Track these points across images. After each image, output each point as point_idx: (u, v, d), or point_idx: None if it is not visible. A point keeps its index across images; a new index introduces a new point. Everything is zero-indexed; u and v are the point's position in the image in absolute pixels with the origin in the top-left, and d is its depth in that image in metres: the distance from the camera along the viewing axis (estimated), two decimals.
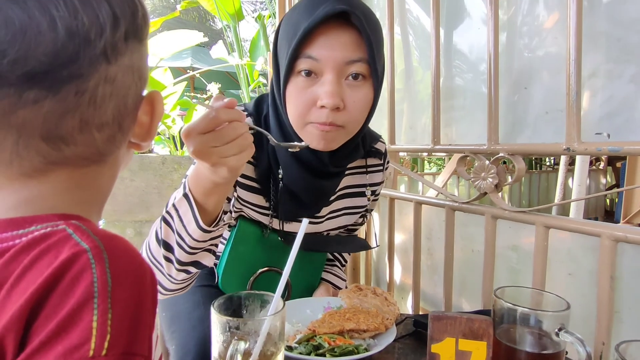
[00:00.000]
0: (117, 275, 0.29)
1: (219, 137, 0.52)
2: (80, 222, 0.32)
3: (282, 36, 0.71)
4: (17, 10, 0.28)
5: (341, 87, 0.67)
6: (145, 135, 0.39)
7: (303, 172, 0.75)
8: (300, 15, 0.67)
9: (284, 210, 0.79)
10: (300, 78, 0.67)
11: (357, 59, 0.66)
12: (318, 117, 0.67)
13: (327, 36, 0.65)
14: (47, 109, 0.30)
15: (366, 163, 0.87)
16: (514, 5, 0.90)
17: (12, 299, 0.27)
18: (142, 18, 0.34)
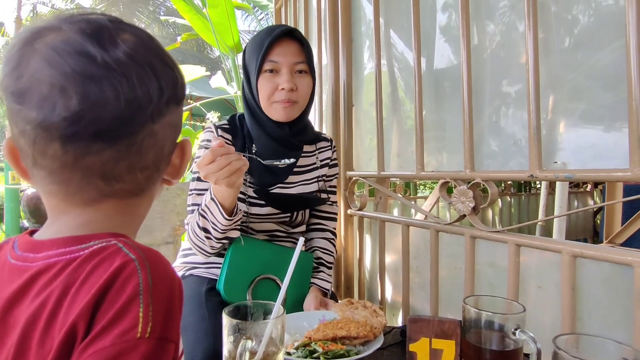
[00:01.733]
0: (156, 278, 0.39)
1: (215, 167, 0.81)
2: (126, 239, 0.42)
3: (249, 53, 1.08)
4: (94, 86, 0.38)
5: (293, 77, 1.04)
6: (175, 174, 0.49)
7: (272, 144, 1.08)
8: (262, 37, 1.06)
9: (259, 176, 1.08)
10: (266, 74, 1.04)
11: (300, 60, 1.06)
12: (280, 97, 1.04)
13: (282, 47, 1.04)
14: (106, 156, 0.40)
15: (316, 147, 1.21)
16: (484, 50, 1.03)
17: (80, 296, 0.37)
18: (181, 87, 0.45)
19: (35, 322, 0.37)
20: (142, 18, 10.06)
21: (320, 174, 1.19)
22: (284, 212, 1.11)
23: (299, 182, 1.15)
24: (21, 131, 0.39)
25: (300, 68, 1.06)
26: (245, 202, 1.07)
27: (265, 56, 1.02)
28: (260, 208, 1.08)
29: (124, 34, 0.42)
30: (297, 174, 1.15)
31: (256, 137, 1.09)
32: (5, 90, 0.39)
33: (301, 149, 1.15)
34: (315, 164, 1.19)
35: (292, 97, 1.04)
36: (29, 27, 0.41)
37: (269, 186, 1.11)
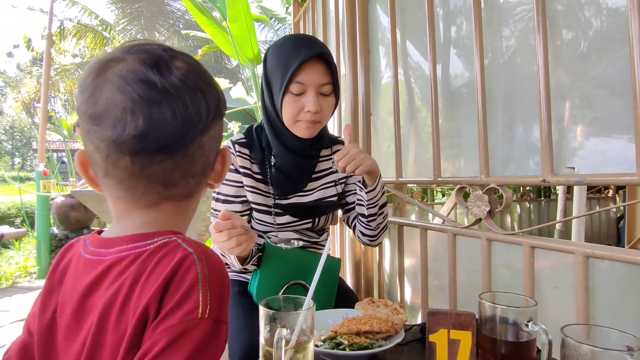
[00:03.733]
0: (211, 269, 0.45)
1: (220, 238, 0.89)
2: (182, 236, 0.49)
3: (273, 66, 1.06)
4: (156, 109, 0.45)
5: (318, 99, 1.04)
6: (217, 179, 0.56)
7: (291, 156, 1.11)
8: (289, 53, 1.03)
9: (279, 186, 1.12)
10: (291, 95, 1.03)
11: (326, 82, 1.05)
12: (304, 117, 1.05)
13: (309, 68, 1.02)
14: (165, 166, 0.47)
15: (332, 150, 1.22)
16: (498, 59, 1.07)
17: (149, 283, 0.44)
18: (222, 104, 0.52)
19: (112, 306, 0.44)
20: (163, 31, 10.37)
21: (338, 177, 1.21)
22: (302, 220, 1.16)
23: (318, 187, 1.18)
24: (96, 147, 0.46)
25: (325, 90, 1.05)
26: (271, 213, 1.12)
27: (293, 77, 1.01)
28: (280, 217, 1.13)
29: (177, 61, 0.49)
30: (316, 180, 1.18)
31: (275, 149, 1.11)
32: (83, 114, 0.46)
33: (318, 156, 1.19)
34: (332, 167, 1.21)
35: (316, 117, 1.05)
36: (98, 59, 0.49)
37: (289, 194, 1.14)
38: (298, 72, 1.01)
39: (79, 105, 0.47)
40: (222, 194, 1.11)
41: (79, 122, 0.47)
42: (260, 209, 1.12)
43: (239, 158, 1.10)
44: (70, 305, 0.47)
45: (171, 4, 10.22)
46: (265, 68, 1.09)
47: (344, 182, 1.23)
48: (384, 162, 1.52)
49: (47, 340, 0.49)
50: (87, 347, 0.44)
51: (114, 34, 10.91)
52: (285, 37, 1.11)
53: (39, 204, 4.10)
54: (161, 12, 10.21)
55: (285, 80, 1.01)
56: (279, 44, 1.08)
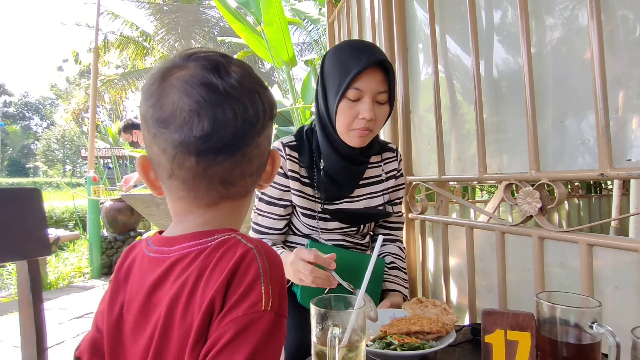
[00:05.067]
0: (271, 264, 0.47)
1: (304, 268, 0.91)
2: (240, 233, 0.50)
3: (331, 70, 1.05)
4: (219, 110, 0.47)
5: (373, 106, 1.02)
6: (267, 179, 0.58)
7: (341, 161, 1.10)
8: (349, 59, 1.02)
9: (326, 191, 1.12)
10: (347, 100, 1.02)
11: (383, 90, 1.03)
12: (358, 125, 1.04)
13: (368, 75, 1.01)
14: (226, 165, 0.49)
15: (382, 157, 1.21)
16: (545, 48, 1.03)
17: (213, 277, 0.45)
18: (275, 105, 0.54)
19: (177, 301, 0.46)
20: (199, 39, 10.69)
21: (386, 187, 1.19)
22: (350, 226, 1.16)
23: (365, 195, 1.17)
24: (162, 150, 0.48)
25: (381, 99, 1.03)
26: (315, 218, 1.13)
27: (351, 83, 1.00)
28: (327, 222, 1.13)
29: (233, 66, 0.51)
30: (364, 187, 1.17)
31: (325, 154, 1.11)
32: (150, 119, 0.49)
33: (367, 162, 1.17)
34: (381, 176, 1.20)
35: (370, 125, 1.04)
36: (160, 67, 0.51)
37: (336, 200, 1.14)
38: (357, 78, 0.99)
39: (144, 111, 0.49)
40: (266, 195, 1.13)
41: (145, 127, 0.50)
42: (305, 212, 1.12)
43: (289, 162, 1.11)
44: (137, 302, 0.50)
45: (206, 12, 10.52)
46: (322, 72, 1.08)
47: (391, 192, 1.21)
48: (424, 160, 1.49)
49: (115, 336, 0.51)
50: (156, 339, 0.46)
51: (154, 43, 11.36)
52: (344, 42, 1.10)
53: (90, 208, 4.34)
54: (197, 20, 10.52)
55: (343, 85, 1.00)
56: (338, 48, 1.07)
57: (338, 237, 1.17)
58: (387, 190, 1.20)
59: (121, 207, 4.24)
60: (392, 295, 1.10)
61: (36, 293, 0.99)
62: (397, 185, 1.24)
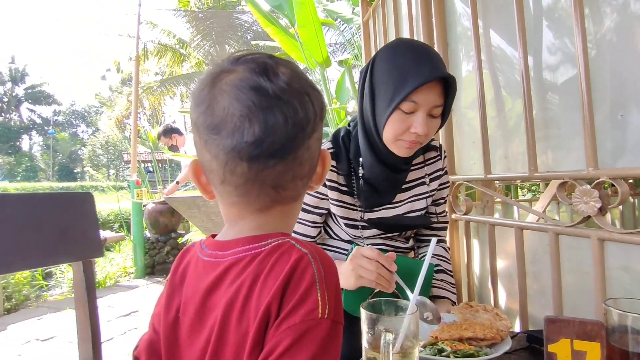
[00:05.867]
0: (326, 269, 0.46)
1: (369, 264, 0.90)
2: (294, 237, 0.50)
3: (384, 76, 0.96)
4: (270, 114, 0.47)
5: (427, 121, 0.95)
6: (318, 181, 0.56)
7: (382, 168, 1.04)
8: (409, 68, 0.92)
9: (366, 199, 1.07)
10: (401, 112, 0.95)
11: (439, 104, 0.95)
12: (409, 137, 0.97)
13: (428, 88, 0.92)
14: (277, 169, 0.48)
15: (424, 158, 1.14)
16: (602, 37, 0.97)
17: (268, 283, 0.45)
18: (325, 106, 0.53)
19: (233, 305, 0.46)
20: (233, 43, 10.91)
21: (429, 189, 1.13)
22: (389, 234, 1.13)
23: (407, 199, 1.12)
24: (214, 156, 0.48)
25: (435, 112, 0.96)
26: (358, 227, 1.09)
27: (408, 96, 0.91)
28: (366, 231, 1.11)
29: (281, 68, 0.50)
30: (405, 191, 1.11)
31: (366, 159, 1.05)
32: (201, 125, 0.49)
33: (409, 169, 1.11)
34: (424, 178, 1.13)
35: (420, 139, 0.97)
36: (209, 72, 0.51)
37: (376, 207, 1.10)
38: (415, 90, 0.91)
39: (195, 117, 0.50)
40: (302, 202, 1.12)
41: (197, 133, 0.50)
42: (347, 222, 1.10)
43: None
44: (193, 305, 0.50)
45: (239, 17, 10.72)
46: (373, 74, 0.99)
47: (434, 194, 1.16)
48: (468, 158, 1.44)
49: (172, 338, 0.52)
50: (212, 344, 0.47)
51: (190, 50, 11.71)
52: (401, 43, 1.00)
53: (134, 210, 4.52)
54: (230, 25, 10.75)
55: (398, 97, 0.92)
56: (395, 52, 0.97)
57: (379, 241, 1.14)
58: (430, 193, 1.14)
59: (162, 209, 4.39)
60: (440, 302, 1.06)
61: (90, 292, 1.03)
62: (441, 184, 1.18)
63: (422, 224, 1.18)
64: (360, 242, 1.13)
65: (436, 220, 1.20)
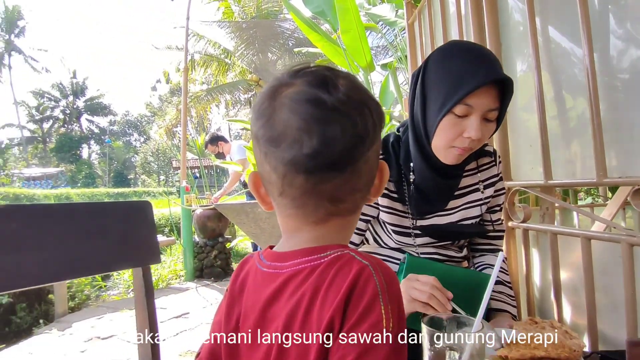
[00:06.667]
0: (388, 281, 0.45)
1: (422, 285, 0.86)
2: (353, 248, 0.49)
3: (437, 79, 0.93)
4: (328, 127, 0.46)
5: (481, 125, 0.91)
6: (376, 193, 0.55)
7: (433, 174, 1.01)
8: (463, 71, 0.89)
9: (417, 206, 1.04)
10: (453, 116, 0.91)
11: (495, 108, 0.91)
12: (461, 143, 0.93)
13: (483, 91, 0.88)
14: (335, 182, 0.48)
15: (477, 164, 1.10)
16: None
17: (330, 296, 0.44)
18: (384, 117, 0.52)
19: (294, 317, 0.46)
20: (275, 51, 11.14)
21: (484, 196, 1.09)
22: (442, 242, 1.09)
23: (460, 206, 1.08)
24: (274, 168, 0.48)
25: (490, 116, 0.91)
26: (410, 235, 1.07)
27: (461, 99, 0.87)
28: (419, 238, 1.08)
29: (340, 80, 0.49)
30: (458, 197, 1.08)
31: (417, 167, 1.02)
32: (261, 138, 0.49)
33: (461, 175, 1.07)
34: (477, 185, 1.09)
35: (472, 145, 0.93)
36: (269, 85, 0.52)
37: (427, 214, 1.07)
38: (469, 93, 0.87)
39: (256, 130, 0.50)
40: None
41: (257, 146, 0.50)
42: (398, 230, 1.07)
43: None
44: (253, 315, 0.50)
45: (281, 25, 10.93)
46: (425, 78, 0.96)
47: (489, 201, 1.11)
48: (526, 163, 1.37)
49: (232, 348, 0.53)
50: (273, 356, 0.47)
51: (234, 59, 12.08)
52: (455, 46, 0.97)
53: (183, 215, 4.70)
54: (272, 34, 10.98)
55: (451, 101, 0.88)
56: (447, 54, 0.94)
57: (431, 250, 1.10)
58: (484, 200, 1.10)
59: (210, 214, 4.53)
60: (500, 316, 1.00)
61: (149, 296, 1.07)
62: (496, 191, 1.13)
63: (476, 232, 1.13)
64: (412, 251, 1.09)
65: (492, 229, 1.15)
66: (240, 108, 14.89)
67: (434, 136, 0.95)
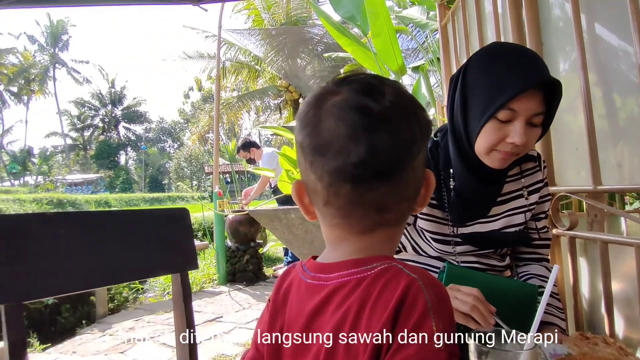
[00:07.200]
0: (438, 295, 0.43)
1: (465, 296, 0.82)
2: (401, 261, 0.47)
3: (478, 83, 0.90)
4: (375, 135, 0.45)
5: (526, 130, 0.87)
6: (422, 203, 0.53)
7: (475, 180, 0.98)
8: (505, 74, 0.85)
9: (457, 213, 1.01)
10: (496, 121, 0.88)
11: (540, 112, 0.87)
12: (505, 148, 0.90)
13: (528, 95, 0.84)
14: (382, 192, 0.47)
15: (520, 169, 1.05)
16: None
17: (377, 310, 0.43)
18: (431, 125, 0.50)
19: (340, 331, 0.45)
20: (304, 57, 11.23)
21: (528, 202, 1.04)
22: (484, 250, 1.05)
23: (503, 213, 1.04)
24: (319, 177, 0.48)
25: (536, 120, 0.88)
26: (450, 243, 1.03)
27: (504, 104, 0.84)
28: (459, 247, 1.04)
29: (386, 87, 0.48)
30: (501, 204, 1.04)
31: (458, 172, 0.99)
32: (307, 147, 0.48)
33: (504, 181, 1.03)
34: (521, 191, 1.05)
35: (516, 150, 0.90)
36: (313, 94, 0.51)
37: (468, 221, 1.03)
38: (513, 98, 0.84)
39: (301, 139, 0.49)
40: None
41: (302, 155, 0.50)
42: (437, 238, 1.04)
43: None
44: (297, 327, 0.50)
45: (310, 31, 11.02)
46: (465, 82, 0.93)
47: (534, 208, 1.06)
48: (572, 167, 1.30)
49: (275, 358, 0.52)
50: None
51: (264, 66, 12.27)
52: (496, 48, 0.95)
53: (216, 220, 4.79)
54: (302, 40, 11.08)
55: (493, 106, 0.85)
56: (489, 57, 0.91)
57: (472, 258, 1.06)
58: (529, 206, 1.04)
59: (242, 219, 4.60)
60: (548, 330, 0.95)
61: (187, 300, 1.09)
62: (541, 197, 1.07)
63: (520, 241, 1.08)
64: (452, 259, 1.06)
65: (537, 237, 1.09)
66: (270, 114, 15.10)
67: (476, 141, 0.92)
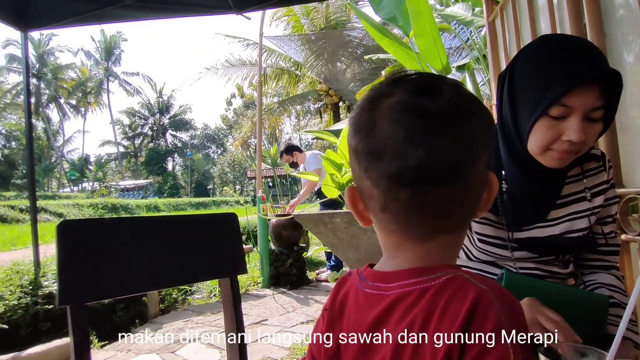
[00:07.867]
0: (511, 309, 0.40)
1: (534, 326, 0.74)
2: (467, 271, 0.44)
3: (527, 78, 0.84)
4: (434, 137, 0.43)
5: (583, 126, 0.80)
6: (485, 207, 0.50)
7: (528, 181, 0.92)
8: (556, 68, 0.79)
9: (512, 216, 0.95)
10: (549, 118, 0.81)
11: (599, 105, 0.79)
12: (561, 146, 0.83)
13: (582, 89, 0.78)
14: (443, 196, 0.44)
15: (582, 169, 0.98)
16: None
17: (444, 323, 0.40)
18: (493, 124, 0.47)
19: (404, 345, 0.43)
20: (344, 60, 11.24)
21: (592, 205, 0.96)
22: (544, 257, 0.98)
23: (563, 217, 0.96)
24: (375, 183, 0.46)
25: (595, 115, 0.80)
26: (507, 247, 0.97)
27: (556, 100, 0.78)
28: (516, 252, 0.98)
29: (443, 85, 0.46)
30: (561, 207, 0.96)
31: (510, 173, 0.94)
32: (361, 152, 0.47)
33: (563, 182, 0.96)
34: (584, 193, 0.97)
35: (575, 148, 0.83)
36: (366, 97, 0.49)
37: (524, 225, 0.97)
38: (566, 93, 0.78)
39: (355, 144, 0.48)
40: None
41: (356, 160, 0.48)
42: (491, 241, 0.99)
43: None
44: (357, 338, 0.48)
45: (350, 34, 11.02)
46: (513, 77, 0.88)
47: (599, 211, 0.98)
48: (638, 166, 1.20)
49: None
50: None
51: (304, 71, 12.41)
52: (545, 41, 0.88)
53: (260, 224, 4.87)
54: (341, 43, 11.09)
55: (544, 102, 0.79)
56: (538, 50, 0.86)
57: (530, 265, 0.99)
58: (594, 208, 0.96)
59: (285, 223, 4.64)
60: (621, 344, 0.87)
61: (237, 304, 1.10)
62: (607, 200, 0.99)
63: (584, 246, 1.00)
64: (509, 265, 1.00)
65: (604, 243, 1.01)
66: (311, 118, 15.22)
67: (529, 140, 0.86)
